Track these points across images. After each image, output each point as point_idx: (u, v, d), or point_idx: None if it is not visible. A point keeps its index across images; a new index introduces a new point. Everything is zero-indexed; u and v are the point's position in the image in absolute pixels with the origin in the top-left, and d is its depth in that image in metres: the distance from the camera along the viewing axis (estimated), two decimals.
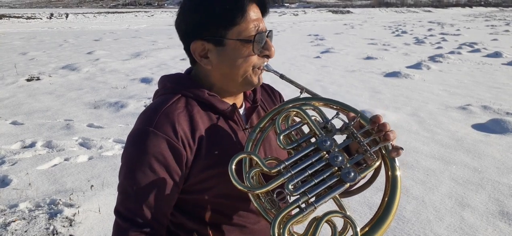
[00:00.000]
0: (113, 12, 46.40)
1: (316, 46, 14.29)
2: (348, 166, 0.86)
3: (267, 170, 0.86)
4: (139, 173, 0.87)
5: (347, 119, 0.93)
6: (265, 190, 0.85)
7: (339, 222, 0.86)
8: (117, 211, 0.90)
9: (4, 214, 2.78)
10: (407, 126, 4.88)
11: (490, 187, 3.26)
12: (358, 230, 0.82)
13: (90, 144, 4.27)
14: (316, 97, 0.97)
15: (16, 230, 2.58)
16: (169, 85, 0.98)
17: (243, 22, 0.90)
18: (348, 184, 0.85)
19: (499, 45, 13.73)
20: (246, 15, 0.90)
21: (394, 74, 8.29)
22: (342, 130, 0.92)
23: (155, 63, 10.32)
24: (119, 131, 4.76)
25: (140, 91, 6.94)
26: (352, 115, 0.94)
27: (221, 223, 0.98)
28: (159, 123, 0.88)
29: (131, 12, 48.27)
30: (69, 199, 3.00)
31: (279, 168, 0.86)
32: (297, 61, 10.63)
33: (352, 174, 0.84)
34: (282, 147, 0.89)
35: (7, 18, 32.10)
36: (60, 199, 2.97)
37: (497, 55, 11.14)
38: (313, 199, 0.84)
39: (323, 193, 0.85)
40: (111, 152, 4.05)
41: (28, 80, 8.03)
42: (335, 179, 0.85)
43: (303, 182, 0.85)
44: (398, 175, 0.89)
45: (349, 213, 0.86)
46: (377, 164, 0.90)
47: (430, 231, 2.65)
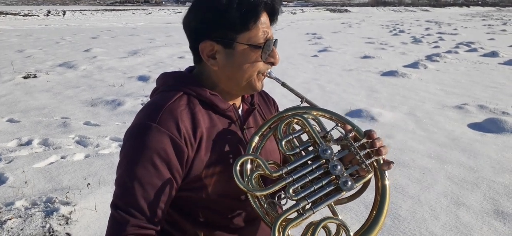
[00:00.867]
0: (110, 10, 46.25)
1: (313, 45, 14.31)
2: (345, 175, 0.90)
3: (270, 174, 0.89)
4: (140, 167, 0.87)
5: (344, 131, 0.97)
6: (266, 193, 0.88)
7: (332, 227, 0.91)
8: (114, 205, 0.89)
9: (0, 212, 2.77)
10: (404, 125, 4.90)
11: (485, 186, 3.28)
12: (351, 234, 0.87)
13: (87, 142, 4.26)
14: (315, 107, 1.01)
15: (12, 228, 2.58)
16: (171, 82, 0.99)
17: (254, 28, 0.92)
18: (345, 192, 0.89)
19: (496, 44, 13.78)
20: (258, 22, 0.92)
21: (391, 73, 8.32)
22: (338, 141, 0.96)
23: (153, 61, 10.30)
24: (116, 129, 4.75)
25: (137, 89, 6.93)
26: (348, 127, 0.97)
27: (215, 223, 0.99)
28: (163, 119, 0.89)
29: (129, 9, 48.12)
30: (65, 197, 3.00)
31: (281, 172, 0.89)
32: (294, 59, 10.63)
33: (349, 183, 0.89)
34: (283, 152, 0.92)
35: (4, 15, 31.94)
36: (56, 197, 2.96)
37: (494, 54, 11.19)
38: (311, 204, 0.88)
39: (321, 199, 0.89)
40: (108, 150, 4.04)
41: (25, 77, 8.00)
42: (333, 187, 0.90)
43: (303, 188, 0.89)
44: (387, 184, 0.94)
45: (342, 218, 0.91)
46: (370, 176, 0.95)
47: (425, 229, 2.66)
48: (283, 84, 1.07)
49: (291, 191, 0.87)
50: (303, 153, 0.93)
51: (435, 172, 3.55)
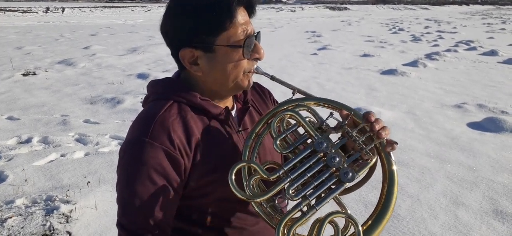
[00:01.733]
0: (109, 6, 46.09)
1: (313, 43, 14.30)
2: (345, 166, 0.87)
3: (267, 177, 0.87)
4: (138, 185, 0.87)
5: (341, 118, 0.93)
6: (265, 198, 0.86)
7: (340, 221, 0.87)
8: (119, 225, 0.90)
9: (1, 210, 2.77)
10: (403, 124, 4.91)
11: (484, 186, 3.29)
12: (360, 228, 0.83)
13: (87, 140, 4.26)
14: (309, 97, 0.97)
15: (12, 226, 2.58)
16: (160, 90, 0.97)
17: (232, 27, 0.89)
18: (347, 184, 0.86)
19: (495, 43, 13.79)
20: (234, 20, 0.89)
21: (391, 72, 8.32)
22: (336, 129, 0.92)
23: (152, 59, 10.29)
24: (116, 127, 4.75)
25: (136, 87, 6.92)
26: (345, 113, 0.93)
27: (221, 226, 0.98)
28: (155, 132, 0.87)
29: (128, 6, 47.99)
30: (65, 195, 3.00)
31: (278, 173, 0.87)
32: (294, 57, 10.63)
33: (350, 174, 0.85)
34: (279, 151, 0.89)
35: (2, 12, 31.82)
36: (56, 196, 2.97)
37: (493, 53, 11.20)
38: (314, 201, 0.85)
39: (323, 194, 0.86)
40: (108, 149, 4.04)
41: (24, 75, 7.99)
42: (334, 180, 0.86)
43: (303, 186, 0.86)
44: (395, 170, 0.90)
45: (349, 211, 0.88)
46: (373, 161, 0.91)
47: (424, 229, 2.67)
48: (272, 78, 1.02)
49: (291, 191, 0.84)
50: (300, 148, 0.89)
51: (434, 172, 3.56)
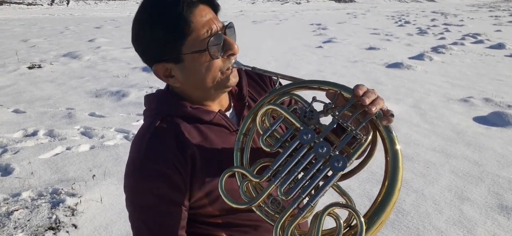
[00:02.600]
0: None
1: (318, 36, 14.22)
2: (336, 153, 0.81)
3: (257, 181, 0.84)
4: (142, 205, 0.89)
5: (328, 98, 0.87)
6: (257, 203, 0.83)
7: (343, 212, 0.83)
8: None
9: (7, 203, 2.80)
10: (408, 118, 4.88)
11: (489, 181, 3.27)
12: (362, 220, 0.79)
13: (92, 133, 4.29)
14: (294, 83, 0.89)
15: (19, 219, 2.61)
16: (152, 106, 0.96)
17: (192, 31, 0.84)
18: (339, 172, 0.81)
19: (502, 36, 13.63)
20: (192, 24, 0.84)
21: (396, 65, 8.26)
22: (324, 113, 0.85)
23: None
24: (121, 120, 4.77)
25: (141, 80, 6.93)
26: (331, 91, 0.86)
27: (235, 225, 0.98)
28: (148, 152, 0.87)
29: None
30: (71, 188, 3.02)
31: (268, 174, 0.83)
32: (299, 50, 10.59)
33: (341, 162, 0.80)
34: (267, 149, 0.85)
35: (8, 4, 31.92)
36: (62, 189, 2.99)
37: (500, 46, 11.07)
38: (309, 196, 0.81)
39: (317, 187, 0.81)
40: (113, 142, 4.07)
41: (29, 67, 8.03)
42: (326, 170, 0.81)
43: (295, 182, 0.82)
44: (398, 149, 0.84)
45: (351, 198, 0.83)
46: (368, 139, 0.85)
47: (429, 224, 2.67)
48: (254, 69, 0.96)
49: (282, 191, 0.81)
50: (288, 143, 0.84)
51: (439, 166, 3.54)
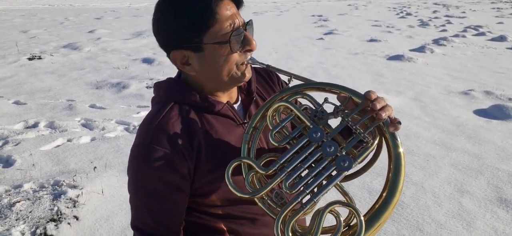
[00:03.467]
0: None
1: (319, 27, 14.16)
2: (343, 153, 0.84)
3: (264, 173, 0.86)
4: (146, 189, 0.90)
5: (338, 101, 0.91)
6: (262, 194, 0.85)
7: (344, 210, 0.85)
8: (134, 227, 0.94)
9: (9, 195, 2.82)
10: (409, 110, 4.88)
11: (489, 174, 3.28)
12: (362, 218, 0.82)
13: (93, 125, 4.29)
14: (306, 83, 0.93)
15: (20, 210, 2.63)
16: (161, 93, 0.98)
17: (216, 23, 0.87)
18: (344, 172, 0.84)
19: (504, 28, 13.56)
20: (217, 16, 0.87)
21: (397, 57, 8.24)
22: (335, 114, 0.89)
23: (157, 43, 10.26)
24: (121, 112, 4.77)
25: (141, 72, 6.93)
26: (343, 95, 0.91)
27: (233, 217, 1.00)
28: (156, 137, 0.89)
29: None
30: (72, 180, 3.04)
31: (274, 168, 0.85)
32: (299, 42, 10.55)
33: (347, 162, 0.83)
34: (275, 144, 0.88)
35: None
36: (63, 181, 3.01)
37: (502, 39, 11.02)
38: (311, 194, 0.84)
39: (321, 185, 0.84)
40: (114, 134, 4.07)
41: (29, 59, 8.02)
42: (331, 169, 0.84)
43: (300, 178, 0.85)
44: (401, 152, 0.87)
45: (352, 198, 0.86)
46: (375, 143, 0.88)
47: (428, 216, 2.68)
48: (268, 67, 0.99)
49: (287, 185, 0.83)
50: (296, 140, 0.87)
51: (439, 159, 3.55)
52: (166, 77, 1.04)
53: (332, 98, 0.93)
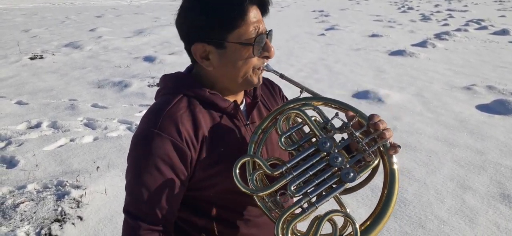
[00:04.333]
0: None
1: (320, 23, 14.12)
2: (347, 166, 0.89)
3: (270, 172, 0.89)
4: (146, 174, 0.91)
5: (346, 118, 0.96)
6: (268, 192, 0.89)
7: (339, 220, 0.90)
8: (126, 211, 0.94)
9: (13, 195, 2.84)
10: (411, 106, 4.87)
11: (492, 169, 3.28)
12: (357, 227, 0.86)
13: (95, 125, 4.31)
14: (316, 97, 0.99)
15: (25, 211, 2.64)
16: (170, 84, 1.01)
17: (243, 25, 0.91)
18: (347, 184, 0.88)
19: (506, 22, 13.50)
20: (246, 18, 0.91)
21: (399, 53, 8.22)
22: (341, 130, 0.94)
23: (158, 41, 10.26)
24: (123, 111, 4.78)
25: (143, 70, 6.93)
26: (351, 114, 0.96)
27: (226, 217, 1.01)
28: (163, 124, 0.91)
29: None
30: (76, 180, 3.05)
31: (281, 170, 0.89)
32: (301, 38, 10.53)
33: (351, 175, 0.88)
34: (283, 148, 0.92)
35: None
36: (67, 181, 3.02)
37: (504, 32, 10.98)
38: (314, 199, 0.88)
39: (324, 193, 0.88)
40: (116, 133, 4.09)
41: (31, 58, 8.03)
42: (335, 179, 0.89)
43: (304, 183, 0.88)
44: (396, 169, 0.92)
45: (349, 210, 0.90)
46: (375, 163, 0.93)
47: (431, 213, 2.68)
48: (282, 76, 1.05)
49: (292, 188, 0.87)
50: (305, 146, 0.92)
51: (441, 155, 3.55)
52: (185, 69, 1.08)
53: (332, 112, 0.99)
